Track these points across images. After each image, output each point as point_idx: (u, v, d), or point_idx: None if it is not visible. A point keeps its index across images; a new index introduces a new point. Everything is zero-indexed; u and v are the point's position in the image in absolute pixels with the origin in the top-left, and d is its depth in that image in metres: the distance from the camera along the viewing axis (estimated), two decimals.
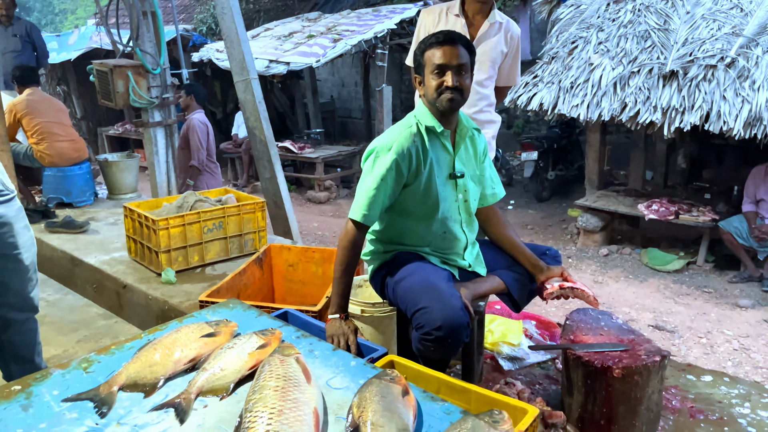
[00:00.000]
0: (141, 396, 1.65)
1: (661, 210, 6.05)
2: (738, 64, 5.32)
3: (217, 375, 1.68)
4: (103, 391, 1.64)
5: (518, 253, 2.28)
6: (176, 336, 1.83)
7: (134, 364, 1.73)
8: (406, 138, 2.08)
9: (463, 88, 2.06)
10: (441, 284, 2.02)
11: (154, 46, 5.71)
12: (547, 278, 2.23)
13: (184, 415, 1.56)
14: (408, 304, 2.02)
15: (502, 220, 2.36)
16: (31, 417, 1.57)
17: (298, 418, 1.43)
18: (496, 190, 2.34)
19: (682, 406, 2.37)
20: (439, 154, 2.13)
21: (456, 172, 2.15)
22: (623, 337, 2.23)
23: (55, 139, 4.92)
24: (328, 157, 9.05)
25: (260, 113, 5.33)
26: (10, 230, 2.09)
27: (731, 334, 4.67)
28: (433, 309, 1.90)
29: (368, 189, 2.07)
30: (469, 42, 2.11)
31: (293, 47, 8.48)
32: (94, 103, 11.61)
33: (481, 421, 1.45)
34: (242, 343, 1.78)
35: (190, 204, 3.70)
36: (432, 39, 2.07)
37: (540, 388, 2.52)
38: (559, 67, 6.33)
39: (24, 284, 2.20)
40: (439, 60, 2.04)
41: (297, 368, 1.61)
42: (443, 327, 1.86)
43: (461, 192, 2.18)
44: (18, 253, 2.13)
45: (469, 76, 2.09)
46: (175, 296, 3.25)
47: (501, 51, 2.86)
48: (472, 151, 2.22)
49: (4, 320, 2.20)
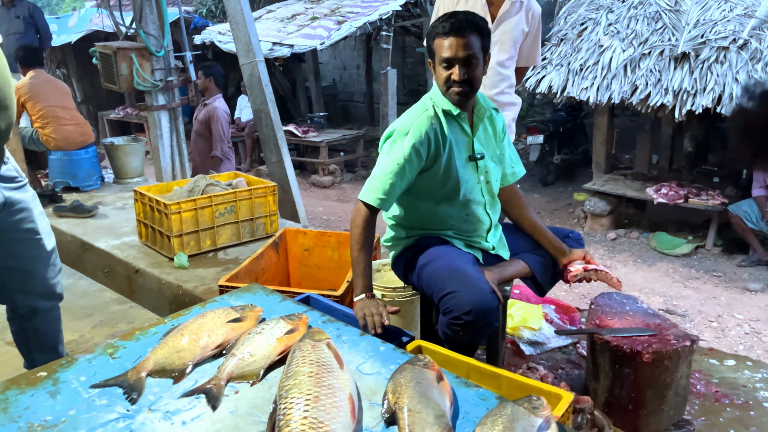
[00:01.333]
0: (170, 382, 1.63)
1: (670, 194, 6.02)
2: (750, 46, 5.26)
3: (247, 360, 1.66)
4: (131, 377, 1.62)
5: (540, 236, 2.24)
6: (202, 321, 1.80)
7: (161, 350, 1.70)
8: (424, 121, 2.02)
9: (473, 80, 1.98)
10: (467, 268, 1.99)
11: (157, 28, 5.62)
12: (569, 261, 2.20)
13: (215, 401, 1.53)
14: (435, 289, 1.99)
15: (524, 201, 2.31)
16: (60, 404, 1.55)
17: (334, 405, 1.40)
18: (516, 169, 2.29)
19: (707, 390, 2.36)
20: (457, 137, 2.08)
21: (476, 153, 2.11)
22: (649, 321, 2.21)
23: (60, 123, 4.86)
24: (332, 141, 8.99)
25: (267, 96, 5.27)
26: (29, 215, 2.06)
27: (742, 317, 4.66)
28: (462, 293, 1.87)
29: (384, 173, 2.02)
30: (480, 26, 1.99)
31: (297, 29, 8.38)
32: (94, 87, 11.51)
33: (520, 407, 1.42)
34: (270, 329, 1.76)
35: (201, 188, 3.66)
36: (439, 27, 1.97)
37: (563, 373, 2.51)
38: (568, 49, 6.27)
39: (47, 270, 2.17)
40: (446, 52, 1.96)
41: (329, 354, 1.59)
42: (473, 311, 1.84)
43: (482, 173, 2.14)
44: (39, 238, 2.10)
45: (480, 64, 1.99)
46: (189, 281, 3.22)
47: (522, 30, 2.81)
48: (492, 131, 2.17)
49: (31, 309, 2.18)
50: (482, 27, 2.00)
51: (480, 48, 1.98)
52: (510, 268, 2.21)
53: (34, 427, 1.46)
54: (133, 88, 5.61)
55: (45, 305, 2.18)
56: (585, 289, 4.99)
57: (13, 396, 1.58)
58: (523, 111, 10.37)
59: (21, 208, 2.02)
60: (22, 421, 1.48)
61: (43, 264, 2.14)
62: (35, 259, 2.11)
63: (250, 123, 9.28)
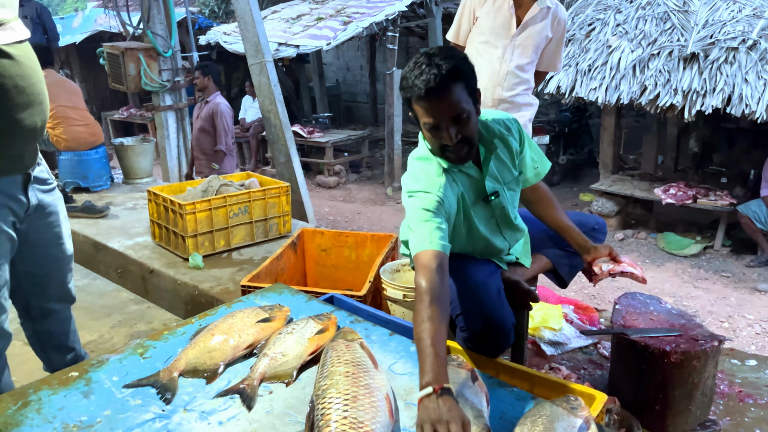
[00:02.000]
0: (203, 382, 1.63)
1: (679, 194, 6.02)
2: (760, 47, 5.25)
3: (279, 361, 1.66)
4: (163, 377, 1.62)
5: (565, 234, 2.13)
6: (232, 321, 1.79)
7: (192, 350, 1.70)
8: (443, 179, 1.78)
9: (467, 137, 1.72)
10: (484, 284, 1.91)
11: (164, 29, 5.63)
12: (593, 258, 2.11)
13: (250, 401, 1.53)
14: (451, 304, 1.90)
15: (549, 198, 2.17)
16: (94, 404, 1.54)
17: (372, 404, 1.40)
18: (540, 168, 2.10)
19: (730, 390, 2.36)
20: (466, 184, 1.88)
21: (489, 194, 1.91)
22: (674, 321, 2.21)
23: (71, 124, 4.85)
24: (338, 142, 8.98)
25: (275, 96, 5.26)
26: (57, 219, 2.05)
27: (752, 318, 4.66)
28: (477, 313, 1.81)
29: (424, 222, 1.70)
30: (459, 68, 1.67)
31: (302, 30, 8.37)
32: (98, 87, 11.52)
33: (559, 407, 1.42)
34: (300, 328, 1.75)
35: (215, 188, 3.66)
36: (414, 88, 1.66)
37: (585, 373, 2.50)
38: (576, 49, 6.26)
39: (65, 275, 2.16)
40: (428, 119, 1.69)
41: (363, 353, 1.58)
42: (487, 333, 1.79)
43: (497, 209, 1.97)
44: (62, 243, 2.09)
45: (473, 114, 1.72)
46: (205, 281, 3.21)
47: (546, 36, 2.80)
48: (507, 154, 1.95)
49: (44, 311, 2.17)
50: (460, 68, 1.68)
51: (468, 96, 1.70)
52: (533, 266, 2.20)
53: (69, 427, 1.46)
54: (140, 89, 5.61)
55: (58, 307, 2.17)
56: (593, 290, 4.99)
57: (46, 396, 1.58)
58: None
59: (50, 212, 2.00)
60: (57, 422, 1.47)
61: (62, 269, 2.13)
62: (56, 263, 2.09)
63: (255, 123, 9.27)
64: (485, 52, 2.78)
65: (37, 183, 1.91)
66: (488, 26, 2.76)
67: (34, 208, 1.90)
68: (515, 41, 2.75)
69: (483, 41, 2.77)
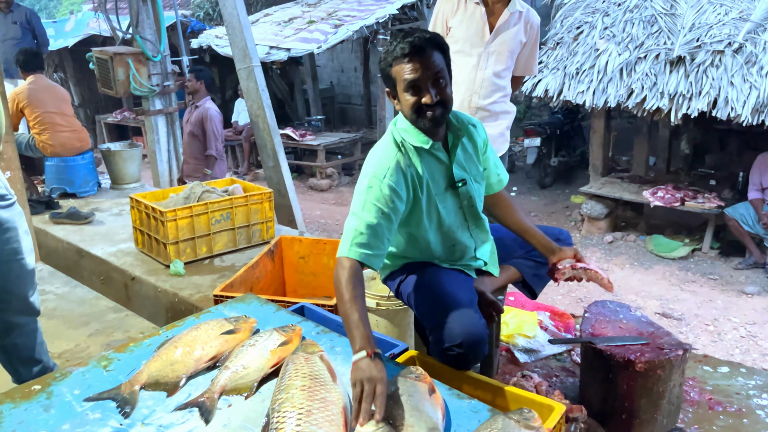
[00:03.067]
0: (164, 395, 1.63)
1: (666, 197, 6.03)
2: (746, 50, 5.27)
3: (240, 373, 1.66)
4: (125, 390, 1.63)
5: (529, 236, 2.14)
6: (196, 333, 1.80)
7: (155, 363, 1.71)
8: (396, 164, 1.84)
9: (445, 100, 1.82)
10: (457, 294, 1.92)
11: (154, 33, 5.63)
12: (558, 259, 2.10)
13: (209, 414, 1.54)
14: (425, 318, 1.94)
15: (510, 204, 2.20)
16: (54, 417, 1.55)
17: (327, 419, 1.41)
18: (501, 176, 2.16)
19: (700, 398, 2.37)
20: (433, 169, 1.92)
21: (456, 181, 1.96)
22: (642, 330, 2.22)
23: (57, 130, 4.86)
24: (330, 145, 8.99)
25: (263, 101, 5.27)
26: (15, 235, 2.06)
27: (738, 321, 4.67)
28: (453, 325, 1.81)
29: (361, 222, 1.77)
30: (440, 42, 1.82)
31: (294, 33, 8.39)
32: (91, 91, 11.51)
33: (511, 420, 1.43)
34: (263, 341, 1.76)
35: (197, 195, 3.67)
36: (397, 50, 1.78)
37: (557, 381, 2.51)
38: (564, 52, 6.27)
39: (26, 289, 2.16)
40: (410, 75, 1.77)
41: (322, 366, 1.59)
42: (464, 344, 1.79)
43: (465, 198, 2.01)
44: (21, 258, 2.09)
45: (449, 82, 1.83)
46: (185, 288, 3.22)
47: (520, 41, 2.81)
48: (472, 147, 2.01)
49: (7, 324, 2.17)
50: (442, 43, 1.83)
51: (445, 64, 1.83)
52: (501, 277, 2.21)
53: None
54: (130, 93, 5.61)
55: (23, 320, 2.17)
56: (581, 293, 5.00)
57: (7, 410, 1.59)
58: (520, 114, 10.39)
59: (7, 228, 2.01)
60: None
61: (24, 283, 2.13)
62: (16, 278, 2.10)
63: (248, 126, 9.28)
64: (460, 62, 2.79)
65: None
66: (462, 35, 2.77)
67: None
68: (489, 48, 2.77)
69: (457, 50, 2.79)
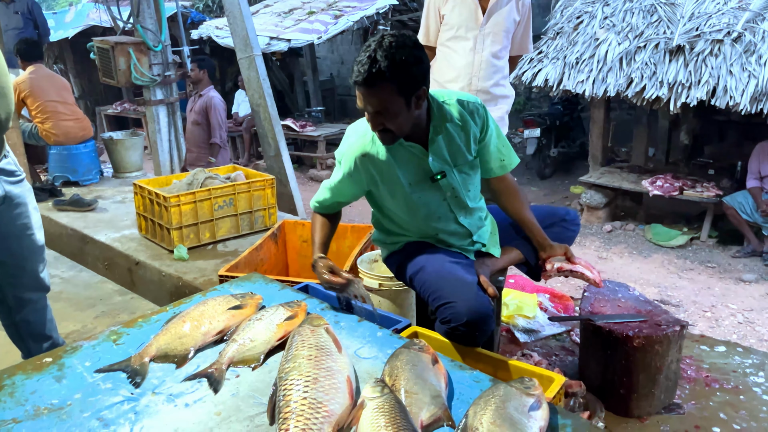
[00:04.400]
0: (173, 367, 1.67)
1: (665, 186, 6.07)
2: (744, 39, 5.29)
3: (247, 346, 1.70)
4: (135, 362, 1.66)
5: (526, 229, 2.18)
6: (203, 308, 1.84)
7: (164, 336, 1.75)
8: (357, 152, 1.95)
9: (390, 129, 1.83)
10: (459, 272, 1.95)
11: (155, 23, 5.65)
12: (548, 257, 2.14)
13: (217, 384, 1.58)
14: (430, 297, 1.96)
15: (514, 191, 2.19)
16: (66, 388, 1.59)
17: (333, 386, 1.45)
18: (506, 161, 2.13)
19: (697, 375, 2.41)
20: (406, 161, 1.95)
21: (435, 174, 1.96)
22: (641, 308, 2.26)
23: (60, 118, 4.89)
24: (330, 136, 9.01)
25: (264, 90, 5.30)
26: (26, 210, 2.10)
27: (735, 307, 4.71)
28: (458, 304, 1.83)
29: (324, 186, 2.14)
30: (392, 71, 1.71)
31: (294, 24, 8.39)
32: (92, 82, 11.52)
33: (512, 388, 1.47)
34: (270, 315, 1.80)
35: (200, 181, 3.70)
36: (352, 73, 1.77)
37: (557, 360, 2.56)
38: (564, 42, 6.29)
39: (37, 265, 2.21)
40: (358, 101, 1.82)
41: (327, 338, 1.63)
42: (470, 322, 1.82)
43: (448, 190, 2.01)
44: (32, 233, 2.14)
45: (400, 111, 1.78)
46: (189, 272, 3.26)
47: (514, 20, 2.84)
48: (461, 137, 1.98)
49: (20, 300, 2.22)
50: (395, 74, 1.72)
51: (398, 94, 1.76)
52: (503, 258, 2.22)
53: (40, 410, 1.51)
54: (131, 83, 5.63)
55: (34, 297, 2.22)
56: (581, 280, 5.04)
57: (20, 381, 1.63)
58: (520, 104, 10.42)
59: (18, 203, 2.05)
60: (29, 405, 1.52)
61: (34, 259, 2.18)
62: (27, 253, 2.14)
63: (248, 117, 9.29)
64: (457, 47, 2.82)
65: (4, 175, 1.96)
66: (456, 21, 2.80)
67: (2, 199, 1.95)
68: (484, 30, 2.80)
69: (452, 36, 2.82)
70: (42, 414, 1.49)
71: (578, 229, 2.30)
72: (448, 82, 2.89)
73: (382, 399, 1.38)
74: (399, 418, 1.32)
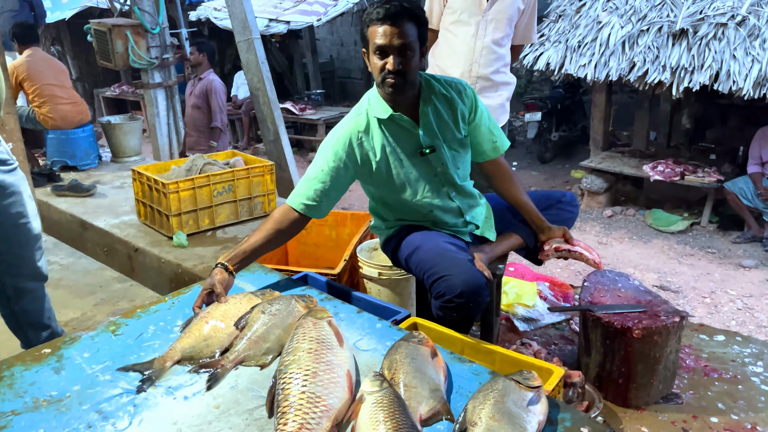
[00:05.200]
0: None
1: (666, 171, 6.04)
2: (749, 23, 5.23)
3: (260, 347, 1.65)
4: (157, 366, 1.62)
5: (523, 212, 2.19)
6: (226, 308, 1.78)
7: (187, 339, 1.69)
8: (351, 133, 1.98)
9: (406, 71, 1.88)
10: (453, 251, 1.98)
11: (152, 5, 5.57)
12: (547, 239, 2.15)
13: (215, 382, 1.55)
14: (424, 275, 1.98)
15: (508, 174, 2.21)
16: (65, 379, 1.59)
17: (332, 380, 1.45)
18: (498, 143, 2.17)
19: (696, 364, 2.41)
20: (399, 137, 2.00)
21: (424, 148, 2.00)
22: (640, 298, 2.26)
23: (57, 102, 4.85)
24: (330, 119, 8.95)
25: (263, 74, 5.24)
26: (20, 199, 2.09)
27: (735, 293, 4.72)
28: (452, 276, 1.86)
29: (309, 179, 1.99)
30: (417, 14, 1.88)
31: (293, 5, 8.30)
32: (89, 64, 11.42)
33: (511, 381, 1.47)
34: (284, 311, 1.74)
35: (199, 167, 3.67)
36: (373, 13, 1.86)
37: (556, 348, 2.56)
38: (566, 25, 6.22)
39: (34, 253, 2.21)
40: (379, 40, 1.85)
41: (329, 331, 1.62)
42: (464, 293, 1.84)
43: (438, 165, 2.04)
44: (28, 221, 2.13)
45: (416, 55, 1.89)
46: (188, 259, 3.25)
47: (518, 8, 2.80)
48: (449, 114, 2.03)
49: (19, 290, 2.22)
50: (419, 15, 1.90)
51: (417, 38, 1.88)
52: (502, 244, 2.22)
53: (39, 401, 1.51)
54: (128, 66, 5.57)
55: (32, 286, 2.22)
56: (580, 266, 5.04)
57: (18, 372, 1.62)
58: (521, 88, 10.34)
59: (12, 192, 2.05)
60: (28, 396, 1.52)
61: (30, 247, 2.17)
62: (24, 242, 2.14)
63: (247, 100, 9.23)
64: (458, 31, 2.78)
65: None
66: (459, 5, 2.76)
67: None
68: (487, 16, 2.76)
69: (455, 21, 2.78)
70: (41, 406, 1.49)
71: (577, 210, 2.29)
72: (449, 66, 2.86)
73: (381, 393, 1.38)
74: (398, 413, 1.32)
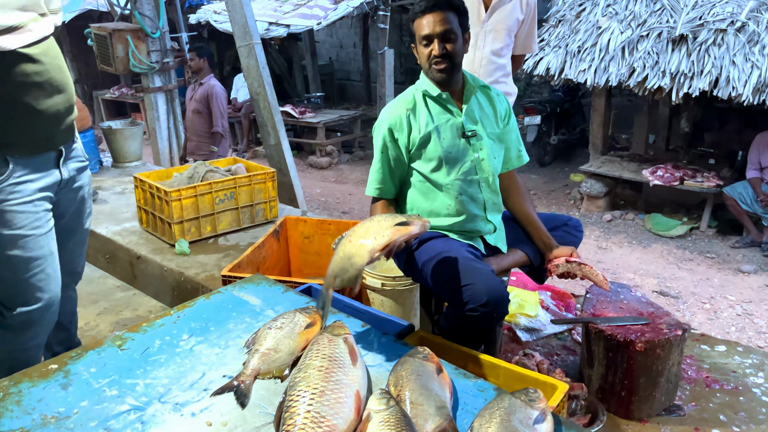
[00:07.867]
0: (179, 374, 1.67)
1: (665, 176, 6.06)
2: (748, 29, 5.25)
3: (272, 357, 1.65)
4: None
5: (532, 229, 2.24)
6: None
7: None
8: (400, 108, 2.13)
9: (452, 54, 2.05)
10: (474, 259, 2.01)
11: (152, 9, 5.58)
12: (555, 257, 2.17)
13: (244, 398, 1.53)
14: (445, 284, 1.98)
15: (522, 190, 2.31)
16: (72, 395, 1.59)
17: (338, 400, 1.44)
18: (522, 152, 2.32)
19: (697, 375, 2.43)
20: (443, 118, 2.13)
21: (467, 131, 2.13)
22: (643, 310, 2.27)
23: None
24: (330, 122, 8.97)
25: (264, 79, 5.25)
26: (85, 195, 2.18)
27: (734, 299, 4.74)
28: (477, 285, 1.88)
29: (374, 164, 2.18)
30: (455, 4, 2.06)
31: (293, 9, 8.31)
32: (89, 66, 11.41)
33: (517, 399, 1.47)
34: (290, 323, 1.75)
35: (201, 174, 3.68)
36: (416, 7, 2.06)
37: (558, 359, 2.57)
38: (566, 30, 6.24)
39: (83, 249, 2.32)
40: (424, 30, 2.04)
41: (344, 349, 1.60)
42: (489, 302, 1.86)
43: (477, 150, 2.14)
44: (88, 218, 2.24)
45: (459, 40, 2.06)
46: (191, 267, 3.26)
47: (517, 19, 2.81)
48: (491, 110, 2.20)
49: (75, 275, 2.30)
50: (458, 5, 2.07)
51: (458, 24, 2.05)
52: (508, 258, 2.24)
53: (47, 419, 1.51)
54: (129, 70, 5.58)
55: (67, 281, 2.24)
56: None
57: (26, 388, 1.63)
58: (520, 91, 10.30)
59: (80, 186, 2.13)
60: (36, 413, 1.53)
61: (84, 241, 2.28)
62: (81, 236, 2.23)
63: (247, 103, 9.23)
64: None
65: (70, 160, 2.05)
66: None
67: (66, 182, 2.02)
68: (486, 27, 2.77)
69: None
70: (49, 423, 1.49)
71: (581, 236, 2.31)
72: None
73: (387, 412, 1.38)
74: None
